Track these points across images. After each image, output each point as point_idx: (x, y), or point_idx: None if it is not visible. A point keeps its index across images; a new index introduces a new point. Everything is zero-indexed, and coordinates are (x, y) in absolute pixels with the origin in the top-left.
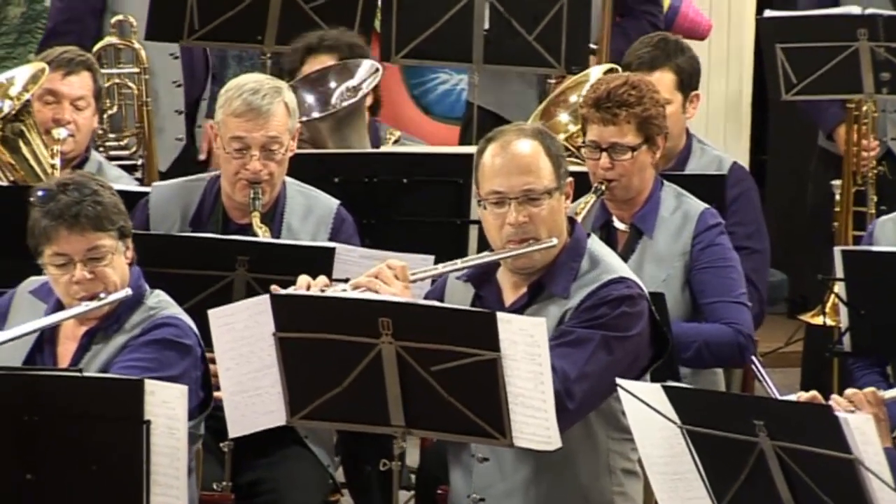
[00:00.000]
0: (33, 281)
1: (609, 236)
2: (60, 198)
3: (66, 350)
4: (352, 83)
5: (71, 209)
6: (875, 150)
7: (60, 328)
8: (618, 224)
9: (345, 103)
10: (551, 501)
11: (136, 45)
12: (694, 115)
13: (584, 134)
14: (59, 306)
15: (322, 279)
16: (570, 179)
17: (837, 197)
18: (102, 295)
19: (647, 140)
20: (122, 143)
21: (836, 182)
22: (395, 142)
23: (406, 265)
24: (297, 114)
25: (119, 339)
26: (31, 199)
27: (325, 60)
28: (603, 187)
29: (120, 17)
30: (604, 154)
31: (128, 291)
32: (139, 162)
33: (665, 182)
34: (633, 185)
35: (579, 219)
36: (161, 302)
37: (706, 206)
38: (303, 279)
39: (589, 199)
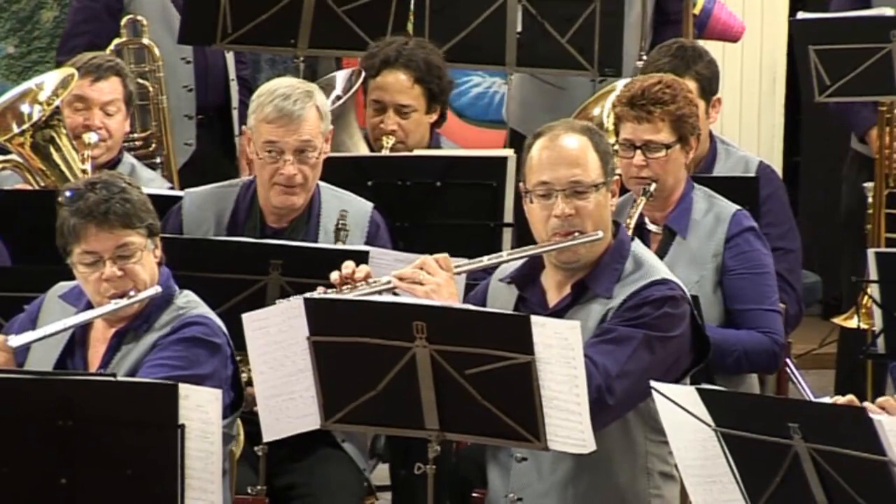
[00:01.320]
0: (63, 286)
1: (642, 238)
2: (89, 196)
3: (96, 352)
4: (336, 94)
5: (100, 207)
6: None
7: (91, 331)
8: (650, 226)
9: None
10: (588, 502)
11: (147, 42)
12: (716, 119)
13: (616, 134)
14: (89, 309)
15: (364, 267)
16: (616, 178)
17: (870, 199)
18: (132, 293)
19: (681, 139)
20: (138, 143)
21: (869, 184)
22: (391, 149)
23: (447, 256)
24: (330, 117)
25: (149, 339)
26: (60, 199)
27: (399, 76)
28: (652, 188)
29: (130, 16)
30: (637, 152)
31: (157, 289)
32: (157, 160)
33: (696, 184)
34: (667, 183)
35: (631, 222)
36: (190, 302)
37: (738, 207)
38: (348, 264)
39: (640, 202)
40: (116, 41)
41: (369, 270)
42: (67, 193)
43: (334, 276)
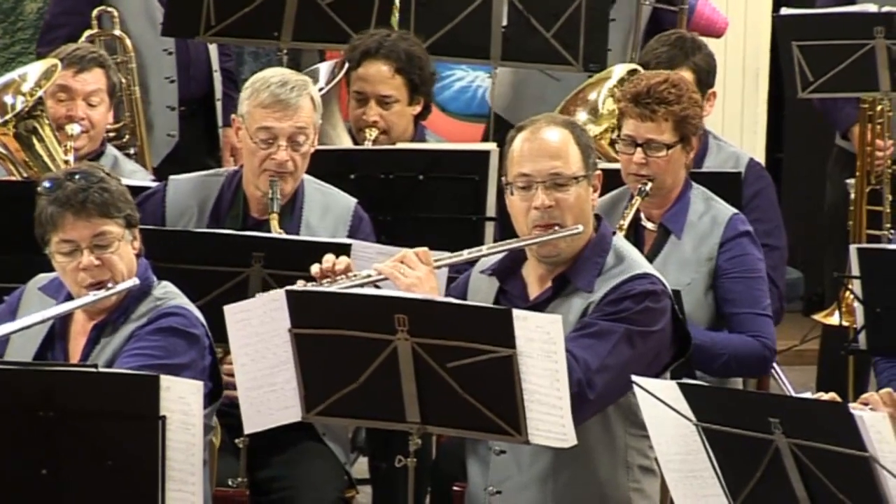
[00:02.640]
0: (42, 277)
1: (637, 235)
2: (67, 185)
3: (77, 345)
4: (319, 86)
5: (78, 195)
6: (889, 150)
7: (71, 324)
8: (646, 223)
9: None
10: (567, 495)
11: (118, 33)
12: (710, 113)
13: (619, 129)
14: (69, 301)
15: (345, 259)
16: (598, 172)
17: (852, 196)
18: (110, 285)
19: (683, 139)
20: (111, 134)
21: (852, 181)
22: (374, 141)
23: (427, 250)
24: (321, 109)
25: (126, 330)
26: (39, 188)
27: (380, 67)
28: (647, 188)
29: (102, 7)
30: (638, 149)
31: (135, 281)
32: (132, 151)
33: (694, 184)
34: (665, 183)
35: (625, 222)
36: (168, 293)
37: (735, 211)
38: (328, 257)
39: (635, 202)
40: (88, 32)
41: (350, 263)
42: (46, 183)
43: (315, 268)
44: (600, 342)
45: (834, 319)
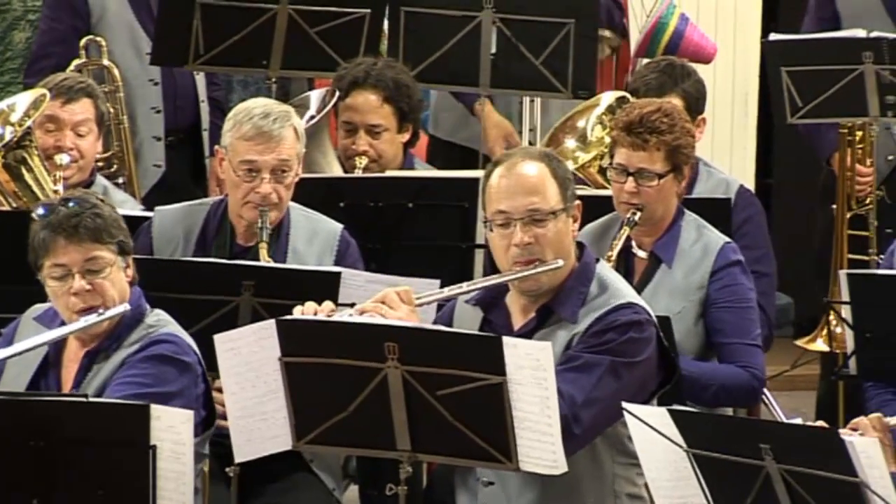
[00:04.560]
0: (38, 308)
1: (627, 263)
2: (60, 210)
3: (69, 372)
4: (310, 113)
5: (70, 220)
6: (871, 177)
7: (64, 351)
8: (637, 251)
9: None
10: None
11: (107, 63)
12: (700, 139)
13: (611, 157)
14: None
15: (328, 304)
16: (577, 202)
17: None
18: (101, 310)
19: (675, 168)
20: (101, 163)
21: (835, 206)
22: (364, 170)
23: (410, 289)
24: (304, 139)
25: (117, 357)
26: (33, 214)
27: (368, 96)
28: (636, 218)
29: (90, 37)
30: (630, 178)
31: (126, 306)
32: (120, 181)
33: (686, 211)
34: (656, 212)
35: (614, 252)
36: (160, 320)
37: (727, 240)
38: (309, 305)
39: (623, 233)
40: (76, 62)
41: (332, 308)
42: (40, 209)
43: (297, 311)
44: (585, 375)
45: (816, 346)
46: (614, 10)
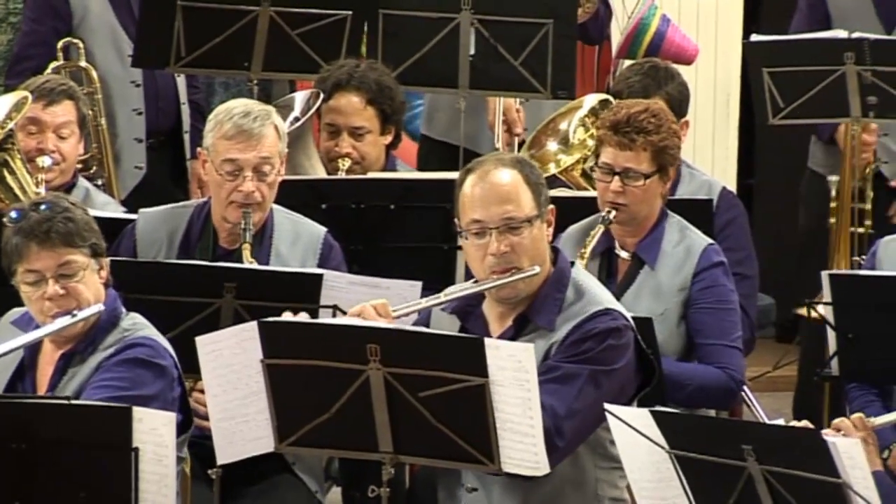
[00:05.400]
0: (15, 312)
1: (610, 263)
2: (32, 215)
3: (44, 375)
4: (294, 115)
5: (42, 225)
6: (874, 142)
7: (40, 354)
8: (620, 251)
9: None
10: None
11: (84, 65)
12: (683, 141)
13: (596, 156)
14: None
15: (304, 316)
16: (551, 207)
17: (833, 193)
18: (76, 312)
19: (660, 169)
20: (79, 165)
21: (834, 178)
22: (347, 172)
23: (387, 302)
24: (286, 138)
25: (93, 361)
26: (5, 219)
27: (351, 98)
28: (611, 216)
29: (68, 39)
30: (616, 178)
31: (100, 307)
32: (100, 182)
33: (670, 213)
34: (640, 213)
35: (587, 250)
36: (136, 324)
37: (710, 241)
38: (286, 316)
39: (597, 230)
40: (54, 64)
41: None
42: (13, 214)
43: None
44: (565, 387)
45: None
46: None
